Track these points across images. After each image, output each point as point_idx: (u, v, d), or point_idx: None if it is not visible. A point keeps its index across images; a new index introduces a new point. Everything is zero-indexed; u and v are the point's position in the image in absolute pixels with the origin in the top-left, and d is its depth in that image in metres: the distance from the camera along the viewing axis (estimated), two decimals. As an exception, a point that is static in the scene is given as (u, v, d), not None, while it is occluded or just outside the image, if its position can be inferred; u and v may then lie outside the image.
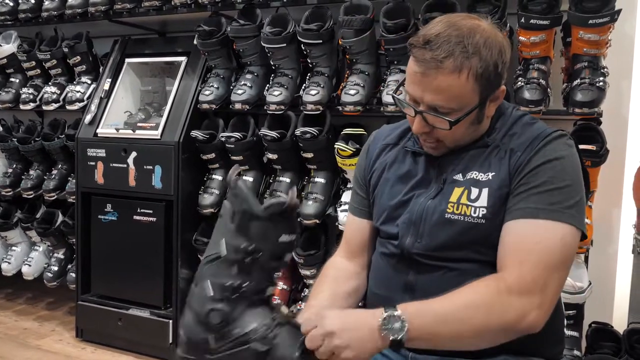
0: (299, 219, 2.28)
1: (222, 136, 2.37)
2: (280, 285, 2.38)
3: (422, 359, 1.12)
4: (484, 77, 1.05)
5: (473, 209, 1.07)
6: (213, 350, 0.97)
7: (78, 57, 2.81)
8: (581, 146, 1.88)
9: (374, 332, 0.96)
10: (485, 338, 1.00)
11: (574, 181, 1.05)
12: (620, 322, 2.20)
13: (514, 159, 1.08)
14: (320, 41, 2.20)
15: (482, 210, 1.07)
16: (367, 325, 0.96)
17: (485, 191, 1.08)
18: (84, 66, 2.83)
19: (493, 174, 1.08)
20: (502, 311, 0.97)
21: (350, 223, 1.31)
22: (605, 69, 1.90)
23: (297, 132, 2.21)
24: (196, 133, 2.39)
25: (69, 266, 2.89)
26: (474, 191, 1.08)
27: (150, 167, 2.46)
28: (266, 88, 2.33)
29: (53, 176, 2.86)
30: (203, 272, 1.00)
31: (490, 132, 1.14)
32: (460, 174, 1.12)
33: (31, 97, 2.91)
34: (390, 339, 0.95)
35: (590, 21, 1.82)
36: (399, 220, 1.15)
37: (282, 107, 2.27)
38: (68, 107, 2.79)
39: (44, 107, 2.87)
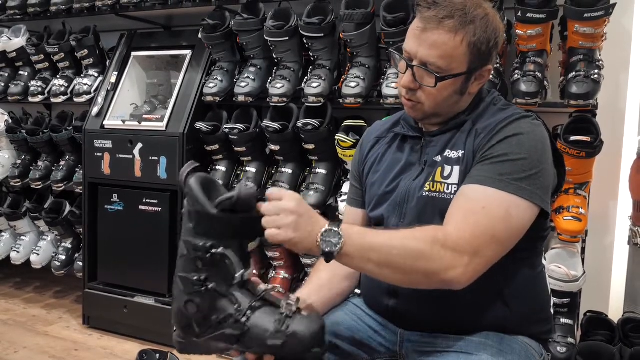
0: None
1: (225, 128, 2.41)
2: (282, 274, 2.43)
3: (411, 335, 1.18)
4: (475, 47, 1.12)
5: (446, 185, 1.13)
6: (198, 334, 1.04)
7: (85, 50, 2.86)
8: (576, 137, 1.92)
9: (313, 237, 1.00)
10: (408, 278, 1.04)
11: (530, 156, 1.08)
12: (616, 312, 2.24)
13: (478, 140, 1.13)
14: (322, 35, 2.24)
15: (454, 187, 1.12)
16: (313, 228, 1.00)
17: (456, 169, 1.14)
18: (91, 59, 2.89)
19: (462, 152, 1.15)
20: (429, 259, 1.00)
21: (348, 213, 1.39)
22: (601, 62, 1.93)
23: (299, 124, 2.25)
24: (200, 125, 2.43)
25: (76, 255, 2.95)
26: (447, 169, 1.14)
27: (156, 158, 2.51)
28: (269, 81, 2.37)
29: (61, 167, 2.91)
30: (177, 266, 1.04)
31: (469, 113, 1.19)
32: (439, 155, 1.18)
33: (40, 89, 2.97)
34: (324, 250, 1.00)
35: (586, 15, 1.85)
36: (386, 204, 1.21)
37: (285, 99, 2.31)
38: (76, 100, 2.85)
39: (52, 100, 2.93)
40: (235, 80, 2.46)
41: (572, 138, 1.92)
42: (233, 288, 1.02)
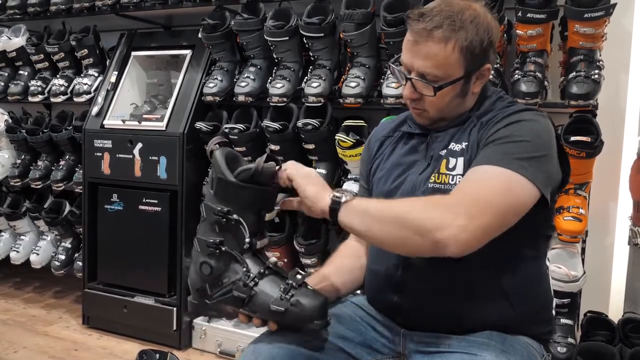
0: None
1: (225, 127, 2.41)
2: (282, 273, 2.43)
3: (414, 335, 1.19)
4: (468, 51, 1.14)
5: (451, 177, 1.15)
6: (209, 296, 1.12)
7: (85, 50, 2.86)
8: (576, 138, 1.92)
9: (326, 192, 1.09)
10: (403, 235, 1.04)
11: (533, 140, 1.10)
12: (616, 312, 2.24)
13: (483, 130, 1.15)
14: (322, 34, 2.24)
15: (459, 178, 1.14)
16: (326, 187, 1.11)
17: (460, 160, 1.15)
18: (91, 59, 2.88)
19: (466, 143, 1.17)
20: (423, 214, 1.02)
21: None
22: (601, 62, 1.93)
23: (299, 124, 2.25)
24: (200, 124, 2.43)
25: (76, 255, 2.94)
26: (452, 161, 1.16)
27: (156, 158, 2.50)
28: (269, 80, 2.37)
29: (61, 167, 2.91)
30: (197, 229, 1.15)
31: (476, 110, 1.21)
32: (445, 149, 1.19)
33: (39, 89, 2.97)
34: (333, 200, 1.07)
35: (586, 15, 1.85)
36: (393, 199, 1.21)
37: (285, 99, 2.31)
38: (75, 99, 2.85)
39: (52, 99, 2.93)
40: (235, 80, 2.46)
41: (572, 138, 1.92)
42: (245, 254, 1.10)
